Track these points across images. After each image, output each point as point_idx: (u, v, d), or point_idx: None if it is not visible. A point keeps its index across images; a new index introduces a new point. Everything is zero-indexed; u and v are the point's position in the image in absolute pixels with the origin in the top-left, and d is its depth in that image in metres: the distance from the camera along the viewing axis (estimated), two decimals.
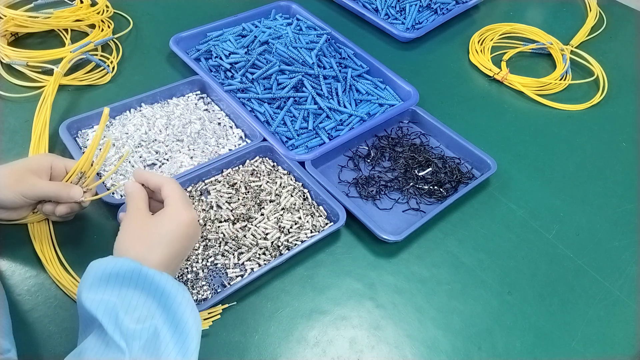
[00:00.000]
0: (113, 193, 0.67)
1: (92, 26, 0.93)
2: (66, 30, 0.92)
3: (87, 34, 0.92)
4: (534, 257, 0.70)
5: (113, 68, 0.88)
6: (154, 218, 0.52)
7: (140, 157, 0.73)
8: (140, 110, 0.80)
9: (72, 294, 0.59)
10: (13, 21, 0.87)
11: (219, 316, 0.58)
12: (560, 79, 0.98)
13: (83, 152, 0.72)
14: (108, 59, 0.89)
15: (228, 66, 0.85)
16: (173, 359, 0.44)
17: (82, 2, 0.93)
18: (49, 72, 0.82)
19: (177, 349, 0.45)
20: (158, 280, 0.46)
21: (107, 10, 0.95)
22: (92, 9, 0.92)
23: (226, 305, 0.60)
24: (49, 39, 0.92)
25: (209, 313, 0.58)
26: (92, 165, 0.61)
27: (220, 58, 0.87)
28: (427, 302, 0.63)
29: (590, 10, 1.16)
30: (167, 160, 0.74)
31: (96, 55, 0.88)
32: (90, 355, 0.43)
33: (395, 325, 0.61)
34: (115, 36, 0.93)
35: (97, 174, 0.70)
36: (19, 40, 0.90)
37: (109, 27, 0.93)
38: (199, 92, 0.85)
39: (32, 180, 0.57)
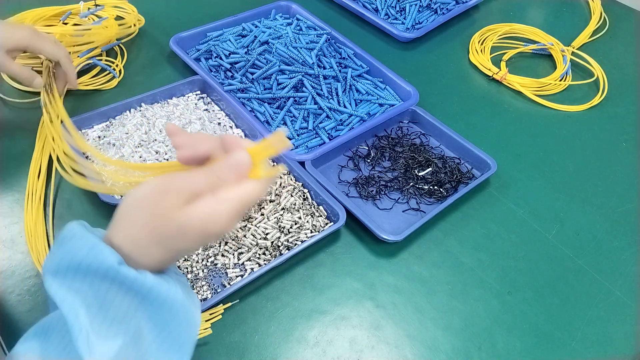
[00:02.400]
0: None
1: None
2: None
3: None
4: (534, 257, 0.70)
5: (120, 72, 0.87)
6: (181, 215, 0.37)
7: (140, 157, 0.73)
8: (140, 110, 0.80)
9: None
10: (66, 39, 0.83)
11: (220, 317, 0.59)
12: (560, 80, 0.98)
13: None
14: (113, 62, 0.88)
15: (228, 66, 0.85)
16: None
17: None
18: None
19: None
20: (141, 280, 0.37)
21: (140, 22, 0.94)
22: (123, 21, 0.91)
23: (228, 305, 0.60)
24: None
25: (210, 314, 0.58)
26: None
27: (220, 58, 0.87)
28: (427, 302, 0.64)
29: (594, 14, 1.16)
30: (167, 160, 0.74)
31: (101, 59, 0.88)
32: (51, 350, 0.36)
33: (395, 325, 0.61)
34: (122, 40, 0.92)
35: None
36: None
37: None
38: (199, 92, 0.85)
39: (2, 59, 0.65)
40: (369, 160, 0.79)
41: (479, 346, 0.60)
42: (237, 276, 0.62)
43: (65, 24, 0.91)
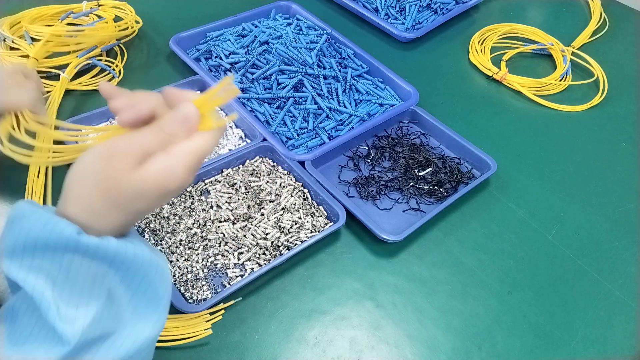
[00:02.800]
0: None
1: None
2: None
3: None
4: (534, 257, 0.70)
5: (119, 72, 0.87)
6: (136, 177, 0.36)
7: None
8: None
9: None
10: (57, 39, 0.82)
11: (220, 317, 0.59)
12: (560, 80, 0.98)
13: None
14: (113, 62, 0.88)
15: (228, 66, 0.85)
16: (141, 326, 0.38)
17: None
18: (54, 78, 0.82)
19: (145, 313, 0.38)
20: (105, 245, 0.36)
21: (137, 24, 0.94)
22: (120, 23, 0.90)
23: (229, 303, 0.59)
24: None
25: (210, 314, 0.58)
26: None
27: (220, 58, 0.87)
28: (427, 302, 0.64)
29: (594, 14, 1.16)
30: None
31: (101, 59, 0.88)
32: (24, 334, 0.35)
33: (395, 325, 0.61)
34: (122, 41, 0.92)
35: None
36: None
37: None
38: (199, 92, 0.85)
39: None
40: (369, 160, 0.79)
41: (479, 346, 0.60)
42: (237, 276, 0.62)
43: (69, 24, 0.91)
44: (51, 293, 0.35)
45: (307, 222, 0.68)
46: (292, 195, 0.70)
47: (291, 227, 0.67)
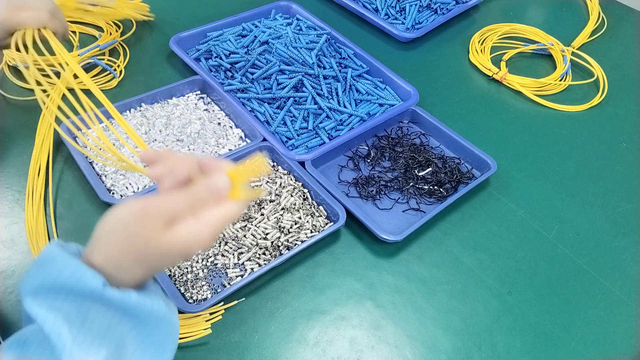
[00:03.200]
0: (113, 193, 0.68)
1: (101, 29, 0.93)
2: (74, 32, 0.92)
3: (96, 38, 0.92)
4: (534, 257, 0.70)
5: (120, 72, 0.87)
6: (164, 240, 0.39)
7: None
8: (140, 110, 0.80)
9: None
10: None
11: (220, 317, 0.59)
12: (560, 80, 0.98)
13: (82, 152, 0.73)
14: (115, 62, 0.88)
15: (228, 66, 0.85)
16: None
17: None
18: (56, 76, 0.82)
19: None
20: (126, 300, 0.38)
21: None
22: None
23: (231, 304, 0.60)
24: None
25: (210, 314, 0.58)
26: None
27: (220, 58, 0.87)
28: (427, 302, 0.64)
29: (592, 14, 1.16)
30: None
31: (102, 59, 0.88)
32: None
33: (395, 325, 0.61)
34: (121, 38, 0.92)
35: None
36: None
37: (116, 30, 0.93)
38: (199, 92, 0.85)
39: None
40: (369, 160, 0.79)
41: (479, 346, 0.60)
42: (237, 276, 0.62)
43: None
44: (67, 335, 0.37)
45: (307, 222, 0.68)
46: (292, 195, 0.70)
47: (291, 227, 0.67)
